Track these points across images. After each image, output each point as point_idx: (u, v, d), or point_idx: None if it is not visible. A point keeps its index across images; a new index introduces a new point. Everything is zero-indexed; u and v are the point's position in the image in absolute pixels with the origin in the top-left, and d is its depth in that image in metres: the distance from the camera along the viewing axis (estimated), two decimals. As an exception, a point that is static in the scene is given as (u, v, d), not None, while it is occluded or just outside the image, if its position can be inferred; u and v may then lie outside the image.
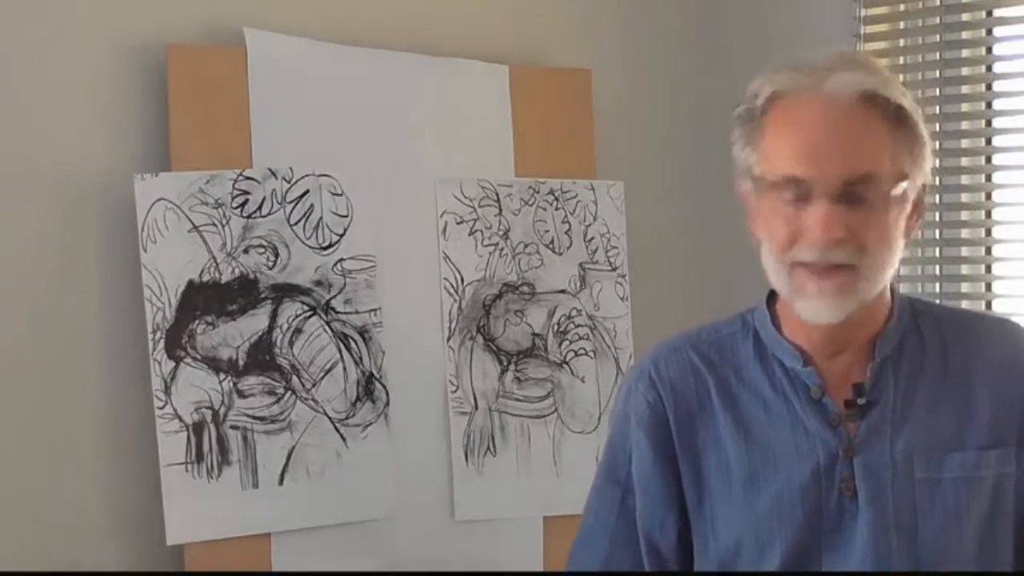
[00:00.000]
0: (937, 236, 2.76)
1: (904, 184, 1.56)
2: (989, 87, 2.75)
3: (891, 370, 1.62)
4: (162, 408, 2.22)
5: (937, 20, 2.77)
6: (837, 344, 1.62)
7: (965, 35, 2.75)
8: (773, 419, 1.64)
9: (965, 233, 2.77)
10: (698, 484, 1.67)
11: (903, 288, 2.70)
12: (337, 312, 2.38)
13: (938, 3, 2.76)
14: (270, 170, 2.34)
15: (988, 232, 2.74)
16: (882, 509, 1.59)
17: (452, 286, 2.53)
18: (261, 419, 2.30)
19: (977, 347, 1.64)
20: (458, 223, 2.54)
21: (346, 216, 2.40)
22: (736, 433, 1.65)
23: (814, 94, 1.54)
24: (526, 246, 2.61)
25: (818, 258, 1.54)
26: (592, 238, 2.68)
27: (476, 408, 2.53)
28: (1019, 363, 1.63)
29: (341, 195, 2.40)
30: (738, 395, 1.66)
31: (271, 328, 2.32)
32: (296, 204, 2.36)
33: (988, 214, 2.75)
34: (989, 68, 2.72)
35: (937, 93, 2.76)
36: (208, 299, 2.27)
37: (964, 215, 2.77)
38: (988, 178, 2.75)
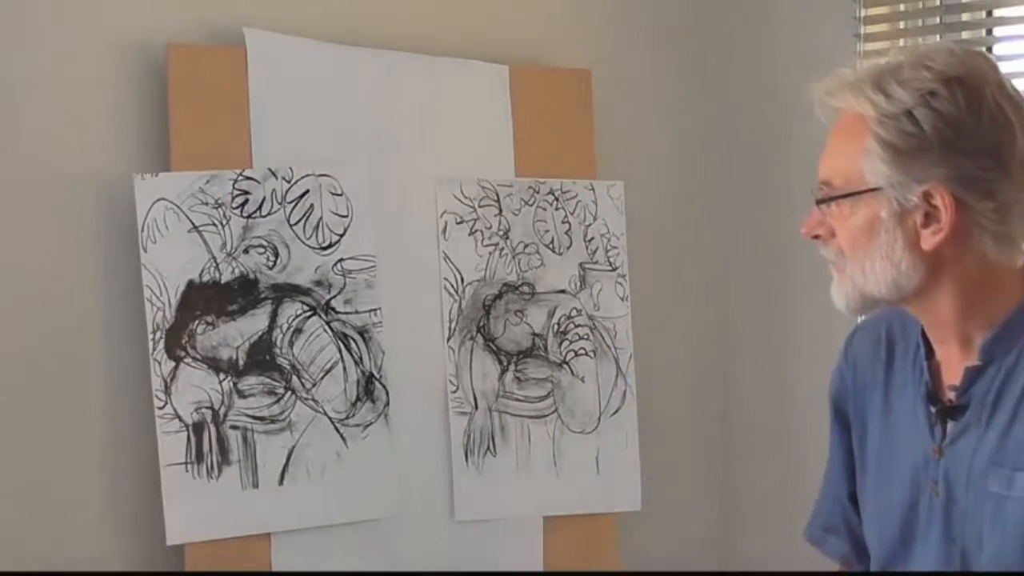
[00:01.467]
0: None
1: (874, 194, 1.53)
2: (989, 87, 2.74)
3: (993, 374, 1.56)
4: (162, 408, 2.22)
5: (937, 20, 2.77)
6: (938, 338, 1.61)
7: (965, 35, 2.75)
8: (903, 405, 1.65)
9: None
10: (862, 452, 1.72)
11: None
12: (337, 312, 2.38)
13: (938, 3, 2.75)
14: (270, 170, 2.34)
15: (988, 232, 2.74)
16: (952, 517, 1.57)
17: (452, 286, 2.53)
18: (261, 419, 2.30)
19: None
20: (458, 223, 2.54)
21: (346, 216, 2.40)
22: (883, 412, 1.68)
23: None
24: (526, 246, 2.61)
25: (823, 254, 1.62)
26: (592, 238, 2.67)
27: (476, 408, 2.53)
28: None
29: (341, 195, 2.40)
30: (896, 376, 1.68)
31: (271, 328, 2.32)
32: (296, 204, 2.36)
33: (988, 214, 2.74)
34: (989, 68, 2.72)
35: (937, 93, 2.75)
36: (208, 299, 2.27)
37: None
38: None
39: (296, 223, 2.36)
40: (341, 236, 2.39)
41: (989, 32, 2.74)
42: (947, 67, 1.52)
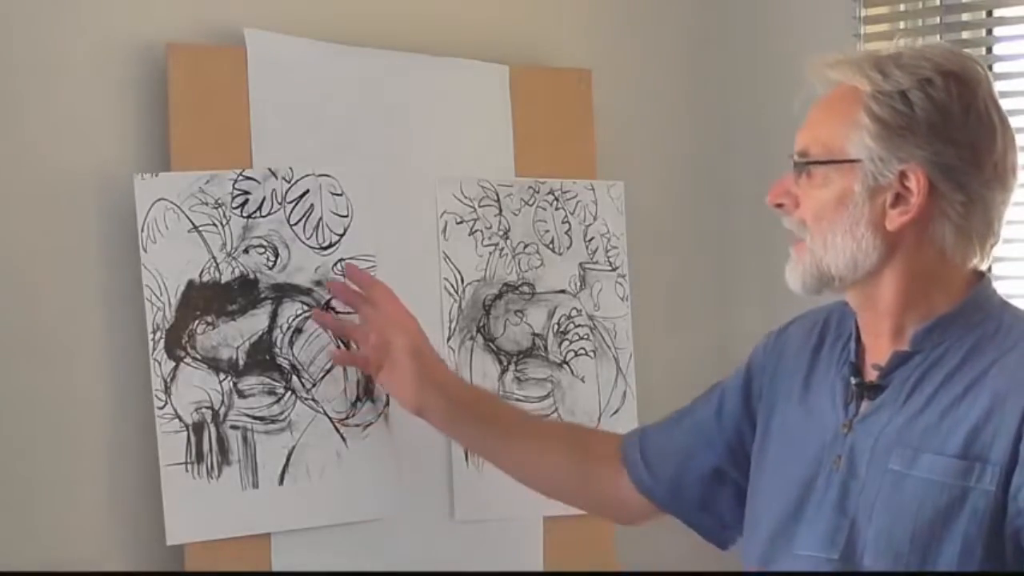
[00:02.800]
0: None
1: (852, 166, 1.59)
2: (989, 87, 2.75)
3: (919, 362, 1.61)
4: (162, 408, 2.22)
5: (937, 20, 2.78)
6: (872, 331, 1.66)
7: (965, 35, 2.75)
8: (822, 387, 1.70)
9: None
10: (764, 437, 1.77)
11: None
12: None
13: (938, 3, 2.76)
14: (270, 170, 2.34)
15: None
16: (849, 490, 1.61)
17: (452, 286, 2.53)
18: (261, 419, 2.30)
19: (1005, 358, 1.58)
20: (458, 223, 2.54)
21: (346, 216, 2.40)
22: (801, 394, 1.73)
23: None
24: (526, 246, 2.61)
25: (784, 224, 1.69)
26: (592, 238, 2.67)
27: (476, 408, 2.53)
28: None
29: (341, 195, 2.40)
30: (821, 361, 1.73)
31: (271, 328, 2.32)
32: (296, 204, 2.36)
33: (988, 214, 2.74)
34: (989, 68, 2.72)
35: (937, 93, 2.75)
36: (208, 299, 2.27)
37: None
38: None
39: (296, 223, 2.36)
40: (341, 236, 2.39)
41: (989, 32, 2.75)
42: (946, 61, 1.60)
